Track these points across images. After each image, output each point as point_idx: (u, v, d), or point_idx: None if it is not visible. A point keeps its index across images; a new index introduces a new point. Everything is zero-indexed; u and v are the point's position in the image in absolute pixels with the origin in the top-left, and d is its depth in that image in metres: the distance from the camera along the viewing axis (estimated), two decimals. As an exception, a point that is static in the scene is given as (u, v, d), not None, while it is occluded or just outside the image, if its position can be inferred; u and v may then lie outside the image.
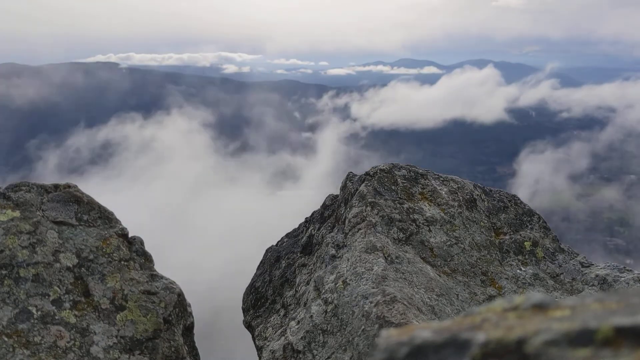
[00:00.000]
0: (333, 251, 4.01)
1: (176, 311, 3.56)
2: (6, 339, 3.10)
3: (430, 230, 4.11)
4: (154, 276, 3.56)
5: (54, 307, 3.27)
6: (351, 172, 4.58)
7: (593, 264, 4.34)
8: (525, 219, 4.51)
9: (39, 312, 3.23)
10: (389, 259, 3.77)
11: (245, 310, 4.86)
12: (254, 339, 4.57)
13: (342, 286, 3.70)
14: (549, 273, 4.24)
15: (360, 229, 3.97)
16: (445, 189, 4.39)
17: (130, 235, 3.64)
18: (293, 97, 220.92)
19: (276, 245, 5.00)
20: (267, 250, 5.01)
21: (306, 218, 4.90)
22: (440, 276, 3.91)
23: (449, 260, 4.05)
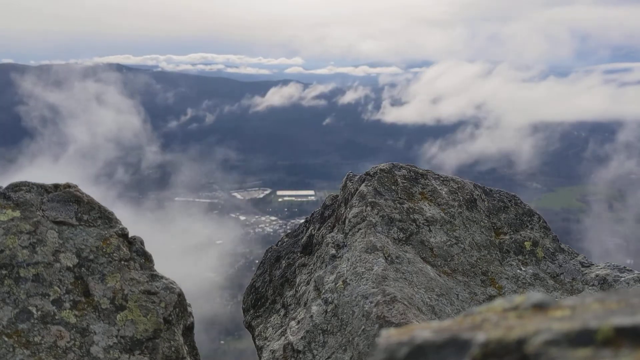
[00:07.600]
0: (333, 251, 4.01)
1: (176, 311, 3.56)
2: (6, 338, 3.10)
3: (430, 230, 4.11)
4: (154, 276, 3.56)
5: (54, 307, 3.27)
6: (351, 172, 4.57)
7: (593, 264, 4.34)
8: (525, 219, 4.51)
9: (39, 312, 3.23)
10: (389, 259, 3.77)
11: (245, 310, 4.86)
12: (254, 339, 4.57)
13: (342, 286, 3.70)
14: (549, 273, 4.24)
15: (360, 229, 3.97)
16: (445, 189, 4.39)
17: (130, 235, 3.64)
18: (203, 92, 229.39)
19: (276, 245, 5.00)
20: (267, 250, 5.01)
21: (306, 218, 4.90)
22: (440, 276, 3.91)
23: (449, 260, 4.05)
